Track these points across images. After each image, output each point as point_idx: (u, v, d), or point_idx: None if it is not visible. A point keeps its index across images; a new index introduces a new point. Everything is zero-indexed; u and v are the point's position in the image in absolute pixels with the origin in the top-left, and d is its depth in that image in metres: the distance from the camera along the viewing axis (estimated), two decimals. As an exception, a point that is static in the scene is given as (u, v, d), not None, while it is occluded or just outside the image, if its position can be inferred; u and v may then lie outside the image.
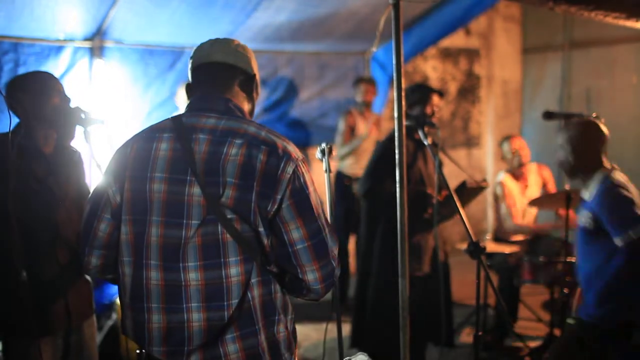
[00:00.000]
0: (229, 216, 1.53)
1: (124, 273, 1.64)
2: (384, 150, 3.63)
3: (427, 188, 3.58)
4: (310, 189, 1.60)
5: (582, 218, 2.80)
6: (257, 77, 1.79)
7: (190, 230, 1.54)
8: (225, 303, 1.55)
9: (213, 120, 1.61)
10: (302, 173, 1.58)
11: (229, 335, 1.56)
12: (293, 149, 1.60)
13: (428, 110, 3.63)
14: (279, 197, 1.54)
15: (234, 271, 1.55)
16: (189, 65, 1.78)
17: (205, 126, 1.59)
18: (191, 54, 1.78)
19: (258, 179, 1.53)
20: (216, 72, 1.70)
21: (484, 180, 3.78)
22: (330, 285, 1.64)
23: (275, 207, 1.54)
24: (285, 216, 1.56)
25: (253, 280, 1.57)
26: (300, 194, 1.56)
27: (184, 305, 1.56)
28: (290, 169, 1.55)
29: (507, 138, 4.87)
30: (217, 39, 1.75)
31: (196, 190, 1.54)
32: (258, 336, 1.58)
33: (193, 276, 1.55)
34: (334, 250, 1.64)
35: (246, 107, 1.76)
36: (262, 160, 1.54)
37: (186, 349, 1.56)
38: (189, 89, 1.78)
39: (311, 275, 1.60)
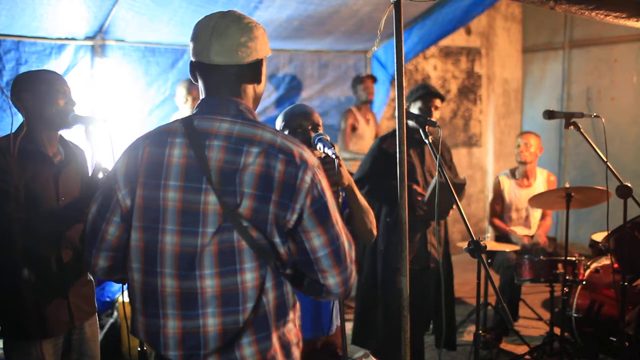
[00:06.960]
0: (244, 224, 1.52)
1: (133, 279, 1.63)
2: (374, 150, 3.74)
3: (415, 185, 3.61)
4: (327, 194, 1.58)
5: None
6: (265, 57, 1.71)
7: (206, 238, 1.53)
8: (240, 307, 1.55)
9: (227, 124, 1.58)
10: (319, 180, 1.57)
11: (245, 339, 1.56)
12: (309, 156, 1.58)
13: (424, 108, 3.67)
14: (298, 206, 1.53)
15: (249, 276, 1.54)
16: (190, 48, 1.67)
17: (219, 132, 1.56)
18: (191, 32, 1.65)
19: (277, 190, 1.52)
20: (219, 76, 1.64)
21: (463, 179, 3.80)
22: (349, 287, 1.64)
23: (295, 216, 1.54)
24: (306, 226, 1.55)
25: (268, 285, 1.57)
26: (320, 202, 1.56)
27: (200, 312, 1.55)
28: (308, 178, 1.54)
29: (519, 133, 4.85)
30: (215, 26, 1.60)
31: (212, 198, 1.53)
32: (272, 339, 1.59)
33: (209, 283, 1.54)
34: (351, 253, 1.64)
35: (258, 91, 1.72)
36: (280, 170, 1.52)
37: (202, 353, 1.56)
38: (194, 78, 1.71)
39: (332, 280, 1.60)
